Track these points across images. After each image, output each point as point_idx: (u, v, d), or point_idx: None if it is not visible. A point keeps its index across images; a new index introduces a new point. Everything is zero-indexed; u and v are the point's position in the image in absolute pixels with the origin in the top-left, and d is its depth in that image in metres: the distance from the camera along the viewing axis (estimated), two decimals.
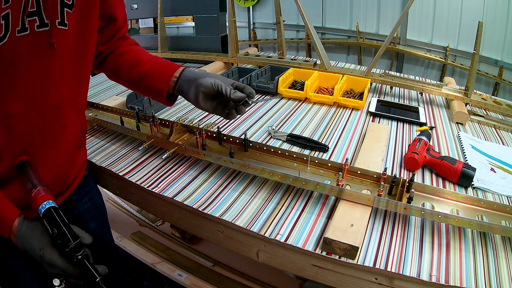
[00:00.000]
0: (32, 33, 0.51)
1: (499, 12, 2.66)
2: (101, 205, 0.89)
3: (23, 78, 0.53)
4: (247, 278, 1.25)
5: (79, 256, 0.47)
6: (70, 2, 0.55)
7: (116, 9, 0.71)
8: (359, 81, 1.29)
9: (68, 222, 0.50)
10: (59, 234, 0.48)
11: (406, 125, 1.05)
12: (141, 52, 0.77)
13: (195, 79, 0.68)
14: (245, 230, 0.63)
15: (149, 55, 0.76)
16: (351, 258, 0.56)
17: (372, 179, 0.70)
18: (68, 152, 0.68)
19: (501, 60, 2.80)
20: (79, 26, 0.59)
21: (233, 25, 1.49)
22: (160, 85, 0.70)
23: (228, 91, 0.65)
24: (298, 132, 0.99)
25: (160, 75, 0.70)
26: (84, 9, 0.59)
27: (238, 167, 0.73)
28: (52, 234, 0.48)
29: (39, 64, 0.54)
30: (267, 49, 4.01)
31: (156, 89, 0.71)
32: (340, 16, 3.54)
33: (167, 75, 0.70)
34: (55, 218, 0.49)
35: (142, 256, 1.38)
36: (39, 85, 0.56)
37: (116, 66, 0.75)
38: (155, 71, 0.71)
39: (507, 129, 1.07)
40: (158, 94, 0.71)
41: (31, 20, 0.51)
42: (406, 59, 3.37)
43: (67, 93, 0.62)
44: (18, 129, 0.56)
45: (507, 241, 0.61)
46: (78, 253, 0.48)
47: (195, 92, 0.68)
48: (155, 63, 0.73)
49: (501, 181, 0.78)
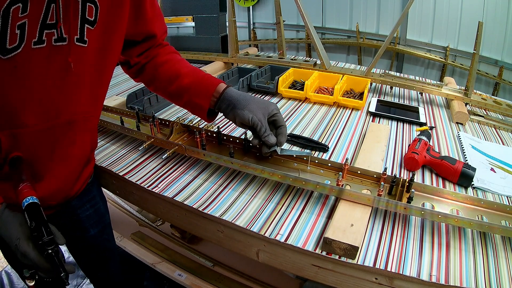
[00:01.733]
0: (49, 46, 0.50)
1: (499, 12, 2.66)
2: (104, 212, 0.88)
3: (36, 91, 0.52)
4: (247, 278, 1.25)
5: (49, 250, 0.49)
6: (92, 19, 0.53)
7: (154, 24, 0.69)
8: (359, 81, 1.29)
9: (46, 220, 0.51)
10: (36, 227, 0.50)
11: (406, 125, 1.05)
12: (180, 63, 0.74)
13: (234, 107, 0.67)
14: (245, 230, 0.63)
15: (189, 67, 0.73)
16: (351, 258, 0.56)
17: (372, 179, 0.70)
18: (75, 168, 0.68)
19: (501, 60, 2.80)
20: (100, 44, 0.57)
21: (233, 25, 1.49)
22: (201, 101, 0.68)
23: (262, 133, 0.65)
24: (298, 132, 0.99)
25: (200, 90, 0.69)
26: (108, 27, 0.57)
27: (238, 167, 0.73)
28: (30, 226, 0.50)
29: (54, 79, 0.53)
30: (267, 49, 4.01)
31: (197, 105, 0.69)
32: (340, 16, 3.54)
33: (208, 91, 0.68)
34: (35, 213, 0.51)
35: (142, 256, 1.37)
36: (53, 100, 0.54)
37: (155, 76, 0.73)
38: (195, 86, 0.69)
39: (507, 129, 1.07)
40: (198, 109, 0.70)
41: (49, 33, 0.49)
42: (406, 59, 3.37)
43: (80, 110, 0.60)
44: (26, 140, 0.55)
45: (507, 241, 0.61)
46: (49, 247, 0.49)
47: (233, 118, 0.68)
48: (195, 77, 0.70)
49: (501, 181, 0.78)
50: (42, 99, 0.53)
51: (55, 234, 0.51)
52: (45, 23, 0.48)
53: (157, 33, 0.71)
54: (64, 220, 0.75)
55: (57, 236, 0.52)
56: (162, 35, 0.75)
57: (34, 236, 0.49)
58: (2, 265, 1.60)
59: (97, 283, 1.02)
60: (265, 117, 0.67)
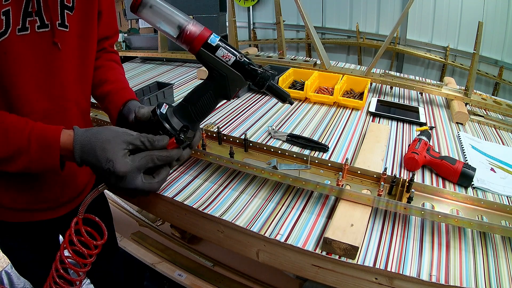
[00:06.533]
0: (32, 33, 0.51)
1: (499, 12, 2.66)
2: (106, 212, 0.92)
3: (28, 77, 0.53)
4: (247, 278, 1.25)
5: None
6: (70, 5, 0.55)
7: (107, 26, 0.70)
8: (359, 81, 1.29)
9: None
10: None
11: (406, 125, 1.05)
12: (111, 70, 0.73)
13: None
14: (245, 230, 0.63)
15: (117, 76, 0.72)
16: (351, 258, 0.56)
17: (372, 179, 0.70)
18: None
19: (501, 60, 2.80)
20: (80, 28, 0.59)
21: (233, 25, 1.48)
22: (112, 111, 0.67)
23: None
24: (298, 132, 0.99)
25: (114, 100, 0.67)
26: (85, 13, 0.59)
27: (238, 167, 0.73)
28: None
29: (43, 65, 0.54)
30: (267, 49, 4.01)
31: (110, 113, 0.68)
32: (340, 16, 3.54)
33: (120, 102, 0.66)
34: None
35: (142, 256, 1.37)
36: (44, 86, 0.56)
37: None
38: (112, 95, 0.68)
39: (507, 129, 1.07)
40: (110, 117, 0.69)
41: (32, 20, 0.50)
42: (406, 59, 3.37)
43: (71, 95, 0.61)
44: None
45: (507, 241, 0.61)
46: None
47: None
48: (116, 86, 0.69)
49: (501, 181, 0.78)
50: (34, 85, 0.54)
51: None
52: (27, 11, 0.49)
53: (108, 35, 0.72)
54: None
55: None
56: (113, 38, 0.75)
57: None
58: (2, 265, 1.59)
59: (98, 283, 1.02)
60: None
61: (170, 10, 0.49)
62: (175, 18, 0.48)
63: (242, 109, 1.14)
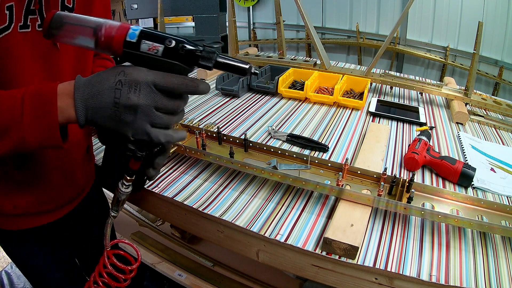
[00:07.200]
0: (33, 31, 0.51)
1: (499, 12, 2.66)
2: (106, 212, 0.90)
3: (28, 75, 0.53)
4: (247, 278, 1.25)
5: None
6: (70, 6, 0.56)
7: None
8: (359, 81, 1.29)
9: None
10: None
11: (406, 125, 1.05)
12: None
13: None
14: (245, 230, 0.63)
15: None
16: (351, 258, 0.56)
17: (372, 179, 0.70)
18: (75, 153, 0.68)
19: (501, 60, 2.80)
20: None
21: (233, 25, 1.49)
22: None
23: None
24: (298, 132, 0.99)
25: None
26: (83, 13, 0.59)
27: (238, 167, 0.73)
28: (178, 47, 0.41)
29: (42, 63, 0.55)
30: (267, 49, 4.01)
31: None
32: (340, 16, 3.54)
33: None
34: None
35: (142, 256, 1.37)
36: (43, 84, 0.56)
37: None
38: None
39: (507, 129, 1.07)
40: None
41: (33, 18, 0.51)
42: (406, 59, 3.37)
43: None
44: None
45: (507, 241, 0.61)
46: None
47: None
48: None
49: (501, 181, 0.78)
50: (33, 83, 0.54)
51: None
52: (29, 9, 0.49)
53: None
54: (76, 220, 0.77)
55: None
56: None
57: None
58: (2, 265, 1.60)
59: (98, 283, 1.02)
60: None
61: (83, 17, 0.42)
62: (88, 25, 0.41)
63: (242, 109, 1.14)
